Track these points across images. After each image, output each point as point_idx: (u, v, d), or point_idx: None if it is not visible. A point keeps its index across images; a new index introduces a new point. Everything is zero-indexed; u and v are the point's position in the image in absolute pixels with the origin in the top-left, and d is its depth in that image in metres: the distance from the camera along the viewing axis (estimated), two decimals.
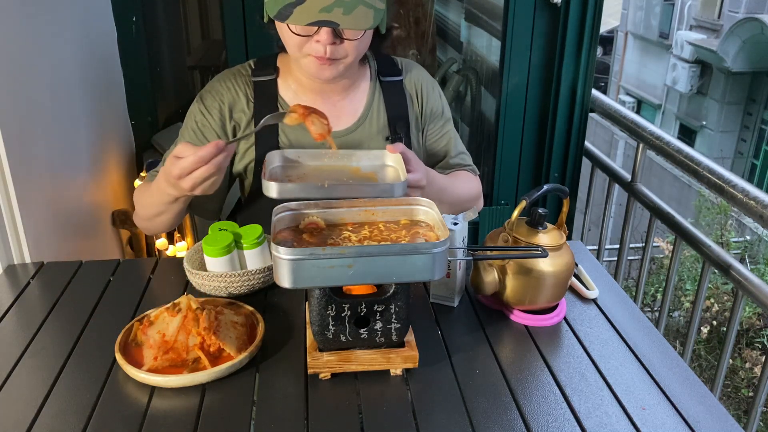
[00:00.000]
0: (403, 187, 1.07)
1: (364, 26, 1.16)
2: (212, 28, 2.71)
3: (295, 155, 1.17)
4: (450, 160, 1.46)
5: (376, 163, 1.17)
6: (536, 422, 0.92)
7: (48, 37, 1.54)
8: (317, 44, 1.18)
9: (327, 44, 1.17)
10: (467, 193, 1.44)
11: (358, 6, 1.13)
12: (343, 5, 1.12)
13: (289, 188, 1.04)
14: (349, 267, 0.88)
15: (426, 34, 2.92)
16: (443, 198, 1.32)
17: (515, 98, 2.13)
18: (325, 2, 1.11)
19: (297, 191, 1.04)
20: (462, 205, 1.42)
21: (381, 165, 1.17)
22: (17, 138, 1.32)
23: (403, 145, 1.18)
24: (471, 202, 1.47)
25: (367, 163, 1.17)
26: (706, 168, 1.69)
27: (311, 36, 1.17)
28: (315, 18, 1.12)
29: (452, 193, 1.37)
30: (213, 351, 0.99)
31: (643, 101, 12.94)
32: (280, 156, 1.17)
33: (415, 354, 0.99)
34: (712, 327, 4.78)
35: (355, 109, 1.37)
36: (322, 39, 1.17)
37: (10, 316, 1.15)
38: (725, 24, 10.45)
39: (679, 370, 1.05)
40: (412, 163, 1.17)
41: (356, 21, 1.14)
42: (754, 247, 5.96)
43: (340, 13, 1.12)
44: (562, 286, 1.14)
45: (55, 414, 0.91)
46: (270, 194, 1.04)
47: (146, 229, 1.40)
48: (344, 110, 1.36)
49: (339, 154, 1.17)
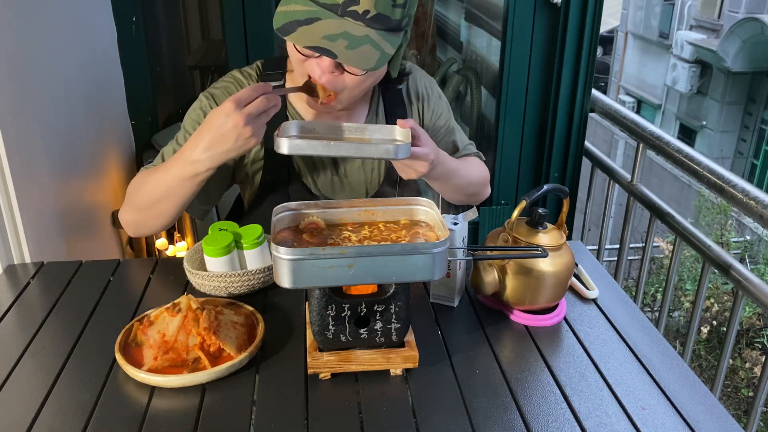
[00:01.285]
0: (405, 150, 1.08)
1: (364, 66, 1.09)
2: (212, 28, 2.71)
3: (311, 126, 1.18)
4: (456, 154, 1.47)
5: (386, 136, 1.18)
6: (536, 422, 0.92)
7: (48, 37, 1.54)
8: (316, 66, 1.16)
9: (326, 72, 1.15)
10: (477, 177, 1.45)
11: (365, 44, 1.08)
12: (349, 38, 1.07)
13: (297, 144, 1.07)
14: (349, 267, 0.88)
15: (426, 34, 2.92)
16: (454, 179, 1.33)
17: (515, 98, 2.13)
18: (332, 30, 1.07)
19: (305, 147, 1.08)
20: (472, 188, 1.44)
21: (391, 139, 1.17)
22: (17, 138, 1.32)
23: (413, 121, 1.17)
24: (480, 186, 1.47)
25: (378, 136, 1.18)
26: (706, 168, 1.69)
27: (314, 58, 1.15)
28: (315, 43, 1.07)
29: (463, 176, 1.37)
30: (213, 351, 0.99)
31: (643, 101, 12.95)
32: (297, 126, 1.17)
33: (415, 354, 0.99)
34: (712, 327, 4.79)
35: (359, 118, 1.37)
36: (322, 65, 1.14)
37: (10, 316, 1.15)
38: (725, 24, 10.46)
39: (679, 370, 1.05)
40: (421, 139, 1.17)
41: (358, 58, 1.08)
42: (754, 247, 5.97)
43: (343, 45, 1.07)
44: (562, 286, 1.14)
45: (55, 414, 0.91)
46: (280, 149, 1.06)
47: (136, 224, 1.27)
48: (348, 119, 1.35)
49: (353, 128, 1.18)
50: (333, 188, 1.39)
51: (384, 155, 1.09)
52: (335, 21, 1.08)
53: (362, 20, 1.08)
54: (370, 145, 1.11)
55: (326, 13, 1.08)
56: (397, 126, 1.17)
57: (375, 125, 1.20)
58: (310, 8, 1.09)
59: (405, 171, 1.21)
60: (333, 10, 1.08)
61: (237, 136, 1.07)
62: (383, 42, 1.10)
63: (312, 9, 1.09)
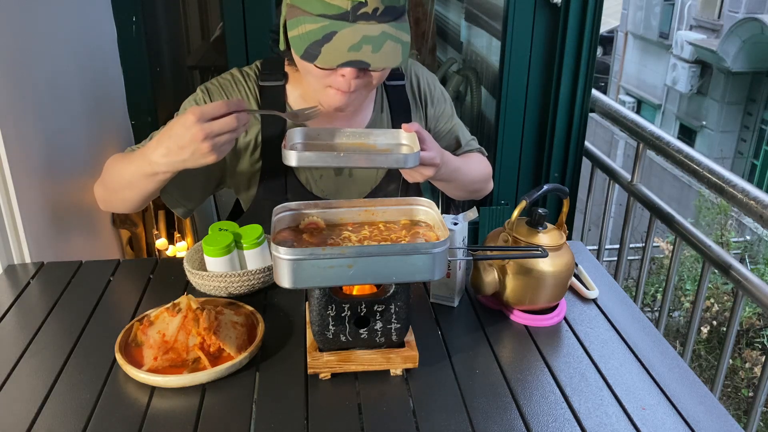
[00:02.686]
0: (414, 159, 1.08)
1: (394, 63, 1.11)
2: (212, 28, 2.72)
3: (314, 132, 1.18)
4: (459, 151, 1.47)
5: (391, 141, 1.17)
6: (536, 422, 0.92)
7: (47, 37, 1.54)
8: (342, 78, 1.14)
9: (351, 79, 1.14)
10: (480, 174, 1.45)
11: (386, 42, 1.08)
12: (371, 42, 1.07)
13: (306, 156, 1.07)
14: (349, 267, 0.88)
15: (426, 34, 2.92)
16: (458, 178, 1.33)
17: (515, 98, 2.13)
18: (352, 39, 1.06)
19: (314, 159, 1.08)
20: (475, 185, 1.44)
21: (396, 144, 1.17)
22: (17, 138, 1.32)
23: (418, 125, 1.17)
24: (484, 182, 1.48)
25: (383, 141, 1.18)
26: (706, 168, 1.69)
27: (335, 69, 1.14)
28: (345, 59, 1.07)
29: (467, 174, 1.37)
30: (213, 351, 0.99)
31: (643, 101, 12.95)
32: (301, 133, 1.16)
33: (415, 354, 0.99)
34: (712, 327, 4.79)
35: (363, 118, 1.37)
36: (347, 74, 1.13)
37: (10, 316, 1.15)
38: (725, 24, 10.46)
39: (679, 370, 1.05)
40: (426, 143, 1.16)
41: (386, 59, 1.09)
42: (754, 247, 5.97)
43: (369, 51, 1.07)
44: (562, 286, 1.14)
45: (55, 414, 0.91)
46: (289, 162, 1.06)
47: (104, 201, 1.31)
48: (352, 120, 1.35)
49: (357, 133, 1.18)
50: (336, 187, 1.38)
51: (394, 165, 1.09)
52: (350, 29, 1.07)
53: (374, 19, 1.08)
54: (380, 155, 1.10)
55: (339, 24, 1.07)
56: (401, 130, 1.16)
57: (379, 130, 1.19)
58: (322, 24, 1.08)
59: (411, 175, 1.21)
60: (344, 18, 1.07)
61: (194, 150, 1.05)
62: (399, 32, 1.11)
63: (324, 24, 1.08)
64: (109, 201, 1.30)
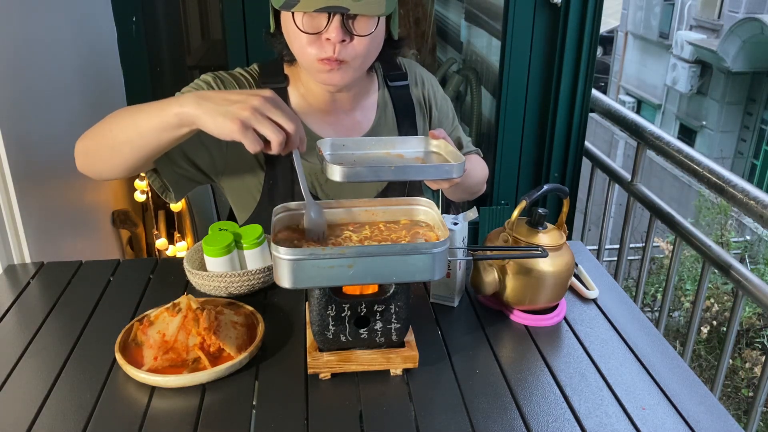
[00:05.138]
0: (459, 169, 1.03)
1: (377, 12, 1.11)
2: (212, 28, 2.72)
3: (341, 142, 1.13)
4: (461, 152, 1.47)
5: (419, 149, 1.14)
6: (536, 422, 0.92)
7: (48, 37, 1.54)
8: (327, 42, 1.13)
9: (337, 42, 1.12)
10: (482, 175, 1.47)
11: None
12: None
13: (357, 171, 0.97)
14: (349, 267, 0.88)
15: (426, 34, 2.92)
16: (465, 181, 1.32)
17: (515, 98, 2.13)
18: None
19: (366, 174, 0.98)
20: (477, 186, 1.45)
21: (426, 152, 1.14)
22: (17, 138, 1.32)
23: (443, 131, 1.15)
24: (482, 184, 1.49)
25: (410, 150, 1.14)
26: (706, 168, 1.69)
27: (320, 34, 1.13)
28: (324, 3, 1.07)
29: (472, 176, 1.39)
30: (213, 351, 0.99)
31: (643, 101, 12.95)
32: (329, 143, 1.11)
33: (415, 354, 0.99)
34: (712, 327, 4.79)
35: (368, 119, 1.36)
36: (332, 36, 1.12)
37: (10, 316, 1.15)
38: (725, 24, 10.46)
39: (679, 370, 1.05)
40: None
41: (368, 6, 1.09)
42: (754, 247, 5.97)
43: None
44: (562, 286, 1.14)
45: (55, 414, 0.91)
46: (335, 178, 0.97)
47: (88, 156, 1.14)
48: (356, 120, 1.34)
49: (381, 142, 1.13)
50: (342, 192, 1.37)
51: (444, 176, 1.03)
52: None
53: None
54: (430, 167, 1.06)
55: None
56: (427, 137, 1.14)
57: (401, 137, 1.16)
58: None
59: (438, 183, 1.17)
60: None
61: (233, 107, 0.95)
62: None
63: None
64: (96, 156, 1.13)
